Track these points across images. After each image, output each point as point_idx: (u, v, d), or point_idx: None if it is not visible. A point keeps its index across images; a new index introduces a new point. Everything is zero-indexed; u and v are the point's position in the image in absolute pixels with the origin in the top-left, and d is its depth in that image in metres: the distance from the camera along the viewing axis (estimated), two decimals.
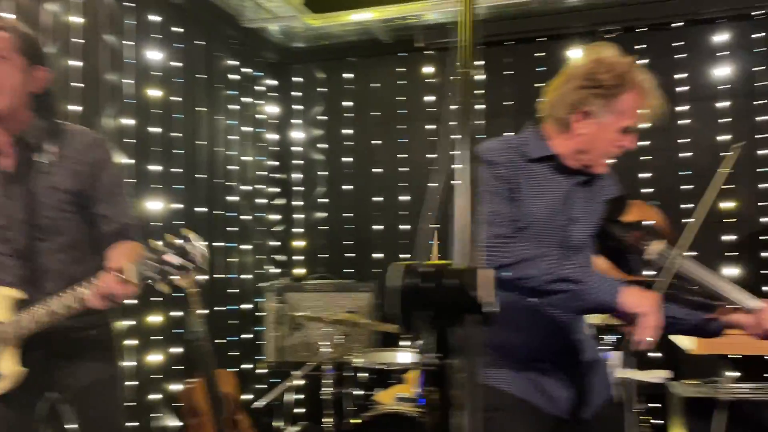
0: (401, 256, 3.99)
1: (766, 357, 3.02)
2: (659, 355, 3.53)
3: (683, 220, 3.58)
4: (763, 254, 3.46)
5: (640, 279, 1.79)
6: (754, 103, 3.60)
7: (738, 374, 2.31)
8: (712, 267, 3.49)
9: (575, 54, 3.85)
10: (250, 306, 4.08)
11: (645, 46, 3.72)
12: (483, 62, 4.07)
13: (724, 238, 3.57)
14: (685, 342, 2.18)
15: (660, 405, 3.13)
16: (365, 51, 4.23)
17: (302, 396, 4.03)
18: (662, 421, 3.11)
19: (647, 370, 3.30)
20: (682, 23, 3.70)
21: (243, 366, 3.94)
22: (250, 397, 3.88)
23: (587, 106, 1.63)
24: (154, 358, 3.24)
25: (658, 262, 1.61)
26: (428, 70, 4.13)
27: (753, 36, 3.61)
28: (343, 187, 4.31)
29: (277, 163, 4.46)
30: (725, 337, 1.85)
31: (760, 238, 3.45)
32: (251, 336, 4.07)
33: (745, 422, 2.02)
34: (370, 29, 4.04)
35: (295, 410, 3.97)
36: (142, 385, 3.13)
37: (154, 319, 3.22)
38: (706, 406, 2.11)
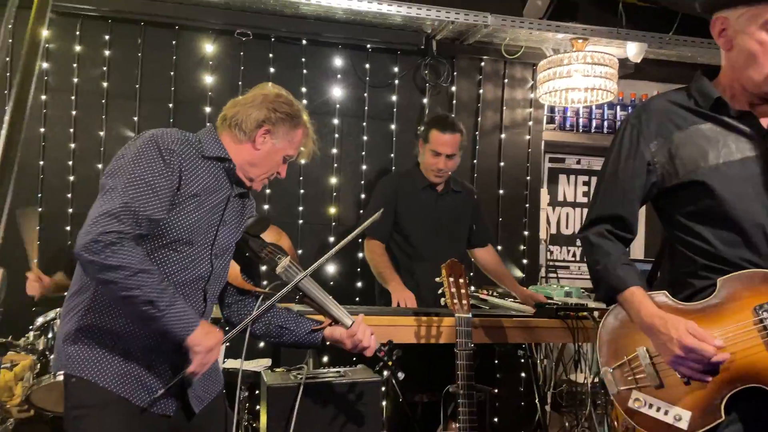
0: None
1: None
2: (262, 345, 3.79)
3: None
4: (359, 254, 3.99)
5: (259, 290, 1.96)
6: (363, 124, 4.14)
7: (314, 360, 2.60)
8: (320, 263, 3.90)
9: (209, 47, 3.90)
10: None
11: (272, 55, 3.96)
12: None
13: (330, 238, 4.03)
14: None
15: (259, 391, 3.33)
16: None
17: None
18: (259, 407, 3.32)
19: (252, 359, 3.51)
20: (305, 42, 4.01)
21: None
22: None
23: (272, 126, 1.83)
24: None
25: (284, 276, 1.89)
26: (45, 33, 3.64)
27: (366, 65, 4.13)
28: None
29: None
30: None
31: (359, 240, 3.95)
32: None
33: (315, 400, 2.30)
34: None
35: None
36: None
37: None
38: (292, 389, 2.31)
